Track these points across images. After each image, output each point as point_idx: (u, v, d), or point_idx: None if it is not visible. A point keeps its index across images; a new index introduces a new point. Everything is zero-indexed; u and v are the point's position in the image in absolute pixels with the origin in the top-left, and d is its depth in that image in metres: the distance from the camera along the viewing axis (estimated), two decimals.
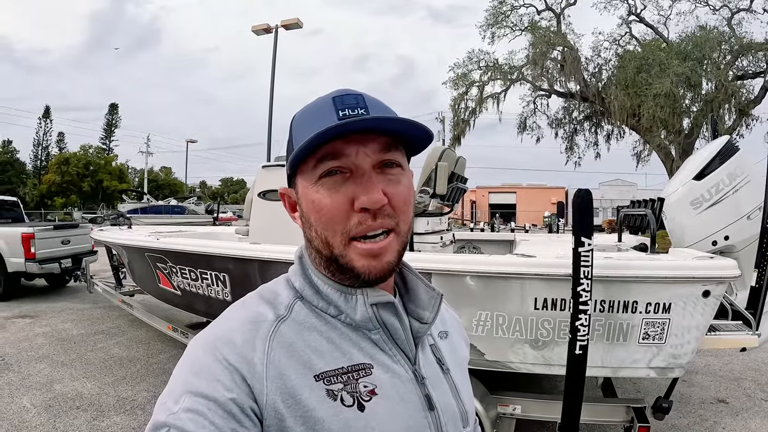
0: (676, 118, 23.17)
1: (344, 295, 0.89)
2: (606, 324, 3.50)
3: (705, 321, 3.46)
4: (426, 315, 0.96)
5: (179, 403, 0.73)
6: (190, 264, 5.50)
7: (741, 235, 4.30)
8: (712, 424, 5.12)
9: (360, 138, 0.82)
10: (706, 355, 7.37)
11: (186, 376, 0.77)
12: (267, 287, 0.96)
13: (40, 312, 9.93)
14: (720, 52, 24.09)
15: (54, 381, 6.06)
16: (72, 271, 11.75)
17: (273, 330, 0.83)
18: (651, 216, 4.40)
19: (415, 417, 0.87)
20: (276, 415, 0.75)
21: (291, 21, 22.57)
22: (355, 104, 0.85)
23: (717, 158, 4.39)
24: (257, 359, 0.78)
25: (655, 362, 3.56)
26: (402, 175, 0.88)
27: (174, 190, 67.66)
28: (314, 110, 0.88)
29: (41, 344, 7.65)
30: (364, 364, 0.85)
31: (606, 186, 57.68)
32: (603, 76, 26.94)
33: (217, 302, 5.34)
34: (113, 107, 77.03)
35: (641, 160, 28.55)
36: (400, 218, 0.86)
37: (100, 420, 5.00)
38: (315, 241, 0.87)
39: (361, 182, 0.81)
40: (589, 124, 29.32)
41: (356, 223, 0.82)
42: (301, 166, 0.86)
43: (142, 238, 6.58)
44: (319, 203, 0.83)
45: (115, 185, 57.08)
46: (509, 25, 27.32)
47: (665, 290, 3.42)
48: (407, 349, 0.92)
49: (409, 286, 1.01)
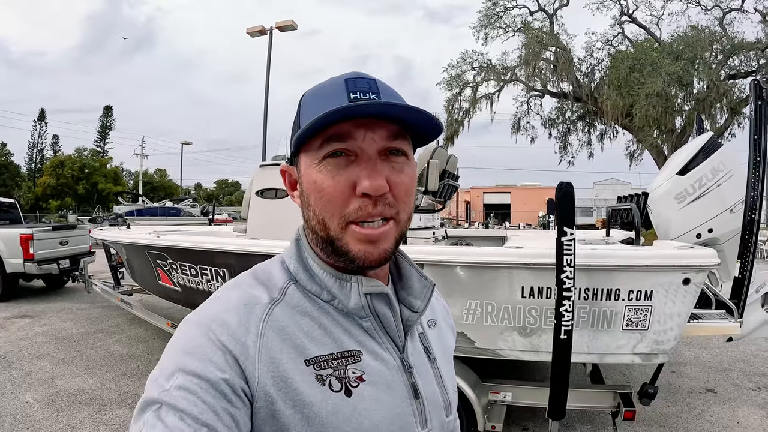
0: (668, 117, 23.32)
1: (339, 281, 0.89)
2: (590, 311, 3.63)
3: (686, 308, 3.58)
4: (417, 304, 0.97)
5: (171, 380, 0.73)
6: (190, 260, 5.59)
7: (724, 228, 4.43)
8: (699, 412, 5.23)
9: (369, 122, 0.82)
10: (695, 347, 7.51)
11: (179, 355, 0.77)
12: (261, 268, 0.97)
13: (39, 312, 10.01)
14: (712, 51, 24.22)
15: (55, 377, 6.16)
16: (70, 272, 11.77)
17: (266, 313, 0.84)
18: (635, 209, 4.51)
19: (401, 404, 0.88)
20: (266, 397, 0.76)
21: (286, 23, 22.53)
22: (368, 88, 0.85)
23: (700, 154, 4.53)
24: (250, 342, 0.79)
25: (640, 348, 3.68)
26: (406, 164, 0.87)
27: (169, 192, 67.26)
28: (325, 90, 0.88)
29: (41, 343, 7.73)
30: (354, 350, 0.86)
31: (600, 185, 57.86)
32: (596, 76, 27.12)
33: None
34: (108, 109, 76.48)
35: (634, 160, 28.71)
36: (400, 207, 0.85)
37: (103, 413, 5.11)
38: (312, 221, 0.87)
39: (365, 167, 0.81)
40: (582, 124, 29.51)
41: (356, 208, 0.81)
42: (306, 144, 0.86)
43: (142, 236, 6.68)
44: (320, 184, 0.83)
45: (110, 187, 56.72)
46: (502, 26, 27.46)
47: (647, 278, 3.55)
48: (396, 337, 0.93)
49: (402, 274, 1.02)
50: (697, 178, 4.47)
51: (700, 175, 4.47)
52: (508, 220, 48.91)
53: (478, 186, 62.87)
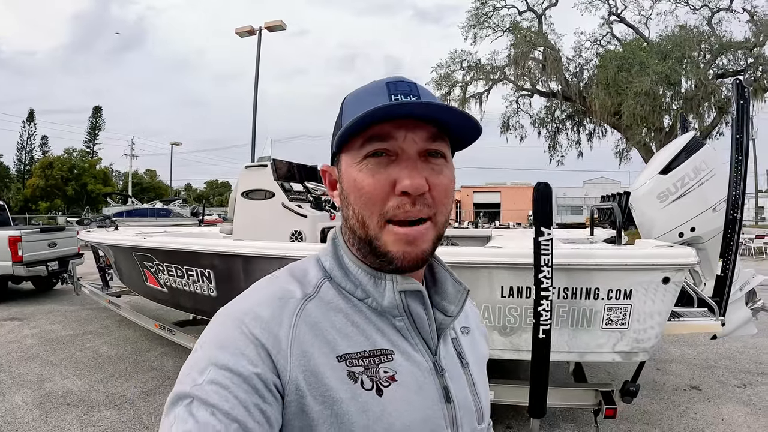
0: (656, 115, 23.49)
1: (374, 279, 0.89)
2: (570, 310, 3.68)
3: (666, 307, 3.64)
4: (451, 308, 0.96)
5: (204, 374, 0.73)
6: (176, 261, 5.62)
7: (707, 227, 4.47)
8: (684, 410, 5.24)
9: (409, 124, 0.83)
10: (681, 344, 7.55)
11: (211, 349, 0.78)
12: (297, 265, 0.97)
13: (29, 314, 9.99)
14: (700, 51, 24.39)
15: (44, 379, 6.16)
16: (59, 274, 11.77)
17: (300, 307, 0.84)
18: (616, 208, 4.57)
19: (431, 407, 0.87)
20: (297, 391, 0.76)
21: (274, 23, 22.53)
22: (408, 91, 0.86)
23: (683, 153, 4.58)
24: (283, 335, 0.79)
25: (620, 347, 3.72)
26: (445, 166, 0.87)
27: (159, 192, 67.05)
28: (367, 92, 0.89)
29: (30, 345, 7.72)
30: (386, 349, 0.86)
31: (590, 184, 57.85)
32: (584, 76, 27.24)
33: (202, 298, 5.48)
34: (97, 110, 76.12)
35: (623, 158, 28.85)
36: (438, 209, 0.86)
37: (90, 414, 5.12)
38: (351, 220, 0.88)
39: (405, 166, 0.82)
40: (572, 123, 29.64)
41: (394, 206, 0.82)
42: (348, 144, 0.87)
43: (129, 237, 6.71)
44: (360, 182, 0.84)
45: (99, 189, 56.41)
46: (491, 26, 27.56)
47: (626, 277, 3.60)
48: (429, 339, 0.92)
49: (437, 278, 1.00)
50: (679, 177, 4.52)
51: (683, 174, 4.52)
52: (498, 219, 49.02)
53: (468, 185, 62.84)
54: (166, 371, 6.47)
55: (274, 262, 4.61)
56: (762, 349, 7.39)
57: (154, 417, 5.06)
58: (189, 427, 0.68)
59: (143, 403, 5.42)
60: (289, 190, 6.45)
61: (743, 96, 4.10)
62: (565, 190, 58.22)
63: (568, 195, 57.21)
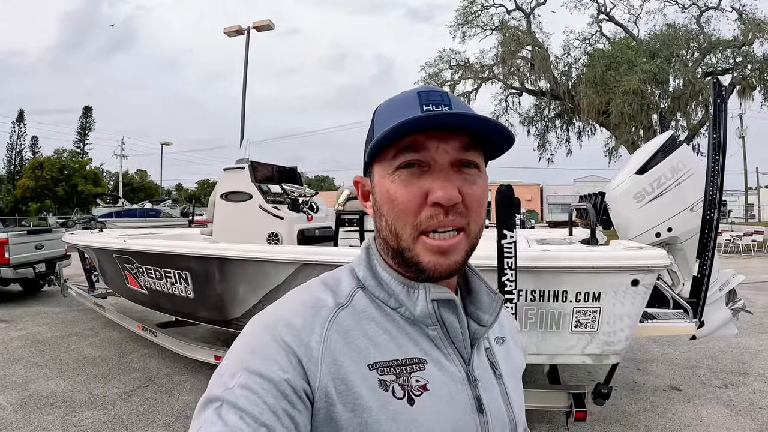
0: (644, 114, 23.53)
1: (407, 288, 0.89)
2: (538, 313, 3.71)
3: (636, 309, 3.65)
4: (485, 318, 0.95)
5: (235, 378, 0.74)
6: (154, 264, 5.68)
7: (684, 227, 4.49)
8: (662, 411, 5.20)
9: (441, 134, 0.82)
10: (663, 344, 7.52)
11: (244, 354, 0.78)
12: (331, 274, 0.97)
13: (15, 316, 10.00)
14: (689, 49, 24.49)
15: (29, 381, 6.21)
16: (46, 276, 11.81)
17: (332, 316, 0.84)
18: (591, 209, 4.56)
19: (463, 418, 0.86)
20: (326, 398, 0.76)
21: (263, 23, 22.50)
22: (440, 101, 0.85)
23: (659, 153, 4.59)
24: (314, 342, 0.79)
25: (590, 349, 3.75)
26: (478, 176, 0.87)
27: (149, 193, 66.87)
28: (398, 103, 0.89)
29: (17, 347, 7.75)
30: (418, 358, 0.85)
31: (580, 182, 57.86)
32: (573, 74, 27.32)
33: (180, 299, 5.55)
34: (87, 110, 75.91)
35: (613, 157, 28.91)
36: (471, 218, 0.85)
37: (72, 415, 5.17)
38: (384, 231, 0.88)
39: (438, 177, 0.82)
40: (561, 122, 29.73)
41: (428, 217, 0.82)
42: (380, 155, 0.87)
43: (110, 240, 6.75)
44: (393, 193, 0.84)
45: (89, 189, 56.26)
46: (480, 25, 27.59)
47: (594, 280, 3.61)
48: (462, 349, 0.92)
49: (471, 287, 1.00)
50: (655, 178, 4.54)
51: (659, 175, 4.54)
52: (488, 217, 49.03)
53: None
54: (149, 372, 6.51)
55: (248, 264, 4.68)
56: (745, 348, 7.36)
57: (135, 417, 5.11)
58: (217, 430, 0.69)
59: (124, 403, 5.46)
60: (267, 192, 6.49)
61: (720, 95, 4.10)
62: (556, 188, 58.34)
63: (559, 193, 57.32)
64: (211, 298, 5.25)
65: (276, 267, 4.56)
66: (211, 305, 5.33)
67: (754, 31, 23.11)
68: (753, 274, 14.31)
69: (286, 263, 4.49)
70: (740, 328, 7.77)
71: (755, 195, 56.62)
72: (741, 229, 24.87)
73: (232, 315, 5.05)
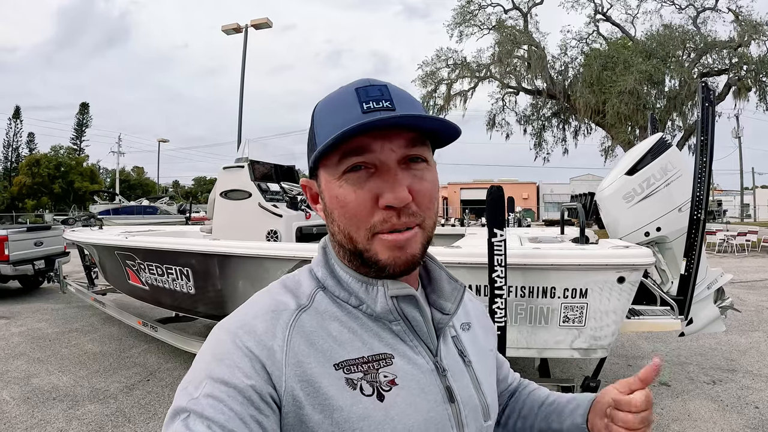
0: (639, 114, 23.60)
1: (365, 285, 0.89)
2: (527, 308, 3.83)
3: (622, 305, 3.77)
4: (448, 306, 0.96)
5: (200, 388, 0.73)
6: (156, 260, 5.77)
7: (673, 227, 4.58)
8: None
9: (385, 133, 0.81)
10: (654, 341, 7.59)
11: (208, 363, 0.78)
12: (290, 277, 0.96)
13: (15, 313, 10.04)
14: (685, 50, 24.60)
15: (31, 376, 6.28)
16: (45, 273, 11.85)
17: (294, 319, 0.83)
18: (580, 208, 4.67)
19: (435, 409, 0.86)
20: (294, 402, 0.76)
21: (261, 20, 22.52)
22: (380, 96, 0.83)
23: (649, 154, 4.68)
24: (277, 346, 0.78)
25: (578, 344, 3.87)
26: (427, 170, 0.86)
27: (146, 190, 66.90)
28: (337, 102, 0.87)
29: (17, 343, 7.81)
30: (385, 354, 0.85)
31: (577, 181, 57.96)
32: (569, 74, 27.40)
33: (181, 295, 5.66)
34: (84, 106, 75.99)
35: (609, 156, 29.00)
36: (425, 214, 0.85)
37: (75, 409, 5.24)
38: (338, 235, 0.87)
39: (386, 179, 0.81)
40: (557, 121, 29.84)
41: (381, 220, 0.81)
42: (324, 159, 0.85)
43: (112, 237, 6.85)
44: (343, 199, 0.82)
45: (86, 186, 56.25)
46: (477, 24, 27.66)
47: (581, 277, 3.74)
48: (428, 340, 0.91)
49: (432, 276, 1.00)
50: (645, 178, 4.62)
51: (648, 175, 4.62)
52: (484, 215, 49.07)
53: (455, 182, 63.07)
54: (149, 367, 6.58)
55: (248, 261, 4.80)
56: (734, 346, 7.37)
57: (137, 410, 5.19)
58: None
59: (126, 397, 5.54)
60: (266, 190, 6.60)
61: (709, 98, 4.20)
62: (552, 187, 58.49)
63: (555, 192, 57.45)
64: (212, 294, 5.35)
65: (275, 263, 4.67)
66: (211, 301, 5.44)
67: (750, 32, 23.20)
68: (745, 273, 14.43)
69: (284, 260, 4.62)
70: (730, 326, 7.86)
71: (751, 195, 56.76)
72: (735, 228, 24.94)
73: (232, 310, 5.08)
